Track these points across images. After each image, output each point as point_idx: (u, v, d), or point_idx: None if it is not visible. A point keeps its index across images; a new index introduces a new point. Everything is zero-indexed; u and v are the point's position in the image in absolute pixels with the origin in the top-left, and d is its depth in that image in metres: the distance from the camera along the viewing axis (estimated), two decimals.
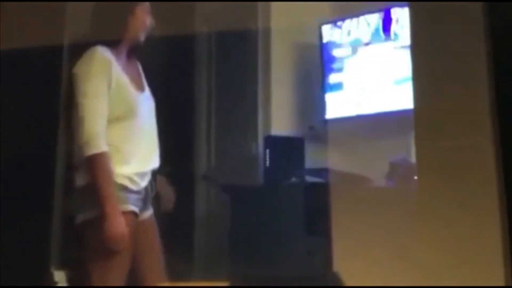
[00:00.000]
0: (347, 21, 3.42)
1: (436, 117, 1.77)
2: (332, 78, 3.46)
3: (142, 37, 2.37)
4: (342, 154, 3.26)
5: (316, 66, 3.51)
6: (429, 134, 1.78)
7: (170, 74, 3.66)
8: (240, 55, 3.68)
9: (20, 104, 3.07)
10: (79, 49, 2.29)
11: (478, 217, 1.67)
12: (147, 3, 2.39)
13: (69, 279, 3.10)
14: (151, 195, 2.36)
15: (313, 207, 3.09)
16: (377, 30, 3.29)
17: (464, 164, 1.69)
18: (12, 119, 3.07)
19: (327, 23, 3.48)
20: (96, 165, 2.16)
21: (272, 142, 3.45)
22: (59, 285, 3.06)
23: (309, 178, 3.37)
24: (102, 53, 2.24)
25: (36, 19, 2.99)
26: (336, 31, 3.47)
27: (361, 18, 3.35)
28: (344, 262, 2.66)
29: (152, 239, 2.39)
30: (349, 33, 3.42)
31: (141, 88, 2.38)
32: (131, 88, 2.30)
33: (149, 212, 2.37)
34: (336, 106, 3.44)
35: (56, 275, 3.10)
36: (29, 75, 3.12)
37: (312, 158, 3.36)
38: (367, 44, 3.34)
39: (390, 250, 2.48)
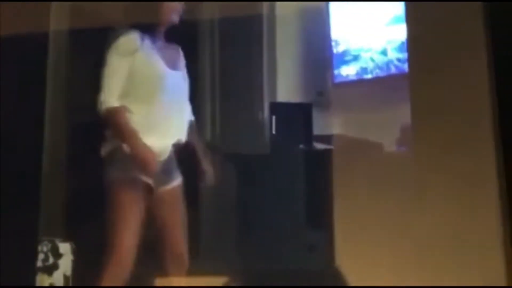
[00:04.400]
0: None
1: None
2: (340, 42, 3.38)
3: (175, 20, 2.69)
4: (351, 119, 3.19)
5: (324, 29, 3.43)
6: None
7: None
8: (245, 21, 3.59)
9: (5, 95, 3.10)
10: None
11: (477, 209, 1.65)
12: None
13: (74, 251, 3.09)
14: (172, 168, 2.63)
15: (320, 174, 3.03)
16: None
17: (463, 139, 1.69)
18: None
19: None
20: (111, 118, 2.53)
21: (278, 108, 3.39)
22: (65, 257, 3.06)
23: (318, 145, 3.30)
24: (130, 37, 2.62)
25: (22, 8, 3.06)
26: None
27: None
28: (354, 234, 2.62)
29: (173, 210, 2.64)
30: None
31: (174, 67, 2.68)
32: (161, 67, 2.62)
33: (170, 185, 2.63)
34: (345, 70, 3.36)
35: (61, 247, 3.08)
36: (14, 64, 3.16)
37: (320, 124, 3.28)
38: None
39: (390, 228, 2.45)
